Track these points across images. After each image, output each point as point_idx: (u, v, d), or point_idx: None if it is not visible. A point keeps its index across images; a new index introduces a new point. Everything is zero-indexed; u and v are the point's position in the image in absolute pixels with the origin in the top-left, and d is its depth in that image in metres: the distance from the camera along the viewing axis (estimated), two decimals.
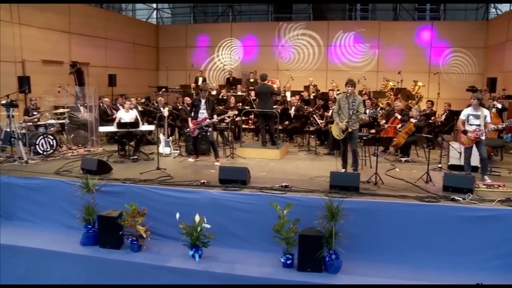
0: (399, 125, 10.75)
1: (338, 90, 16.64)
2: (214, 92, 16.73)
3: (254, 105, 14.33)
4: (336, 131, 8.52)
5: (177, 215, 6.61)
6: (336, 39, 20.59)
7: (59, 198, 7.97)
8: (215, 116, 9.89)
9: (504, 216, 6.51)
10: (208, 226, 6.58)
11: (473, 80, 19.28)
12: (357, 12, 23.79)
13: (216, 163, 9.68)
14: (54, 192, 8.04)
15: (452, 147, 9.22)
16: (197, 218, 6.59)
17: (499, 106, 11.40)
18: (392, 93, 16.45)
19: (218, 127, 11.33)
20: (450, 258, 6.47)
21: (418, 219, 6.63)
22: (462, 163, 9.20)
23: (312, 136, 12.83)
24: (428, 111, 12.74)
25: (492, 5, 20.56)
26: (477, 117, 8.28)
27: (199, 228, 6.57)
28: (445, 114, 12.50)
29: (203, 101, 9.78)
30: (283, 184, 7.55)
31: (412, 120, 10.42)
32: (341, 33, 20.53)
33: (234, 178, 7.70)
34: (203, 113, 9.74)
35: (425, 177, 8.17)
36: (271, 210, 6.55)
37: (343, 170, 8.67)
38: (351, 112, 8.19)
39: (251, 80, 18.94)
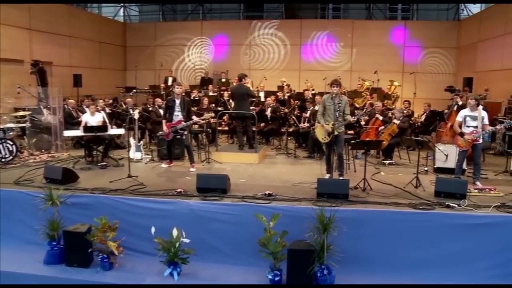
0: (382, 127, 10.40)
1: (313, 90, 16.29)
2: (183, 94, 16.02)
3: (228, 106, 13.85)
4: (321, 134, 8.06)
5: (153, 230, 5.99)
6: (309, 38, 20.25)
7: (19, 211, 7.17)
8: (194, 117, 9.27)
9: (502, 224, 6.17)
10: (187, 241, 5.98)
11: (446, 80, 19.35)
12: (329, 11, 23.50)
13: (192, 169, 9.08)
14: (14, 204, 7.23)
15: (439, 149, 8.89)
16: (174, 232, 5.99)
17: (460, 102, 11.21)
18: (368, 93, 16.19)
19: (192, 130, 10.70)
20: (448, 269, 6.09)
21: (413, 228, 6.22)
22: (449, 166, 8.95)
23: (289, 138, 12.40)
24: (405, 112, 12.47)
25: (463, 6, 20.67)
26: (474, 118, 7.95)
27: (177, 244, 5.96)
28: (425, 114, 12.25)
29: (177, 101, 9.15)
30: (267, 192, 7.02)
31: (395, 121, 10.09)
32: (314, 32, 20.22)
33: (213, 187, 7.12)
34: (177, 115, 9.11)
35: (414, 181, 7.80)
36: (256, 222, 6.01)
37: (328, 176, 8.22)
38: (337, 114, 7.73)
39: (223, 80, 18.44)
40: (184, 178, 8.38)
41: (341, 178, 7.97)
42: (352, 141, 7.88)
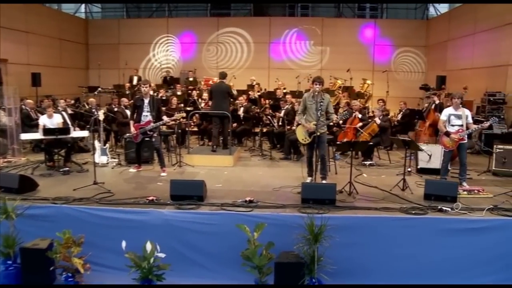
0: (360, 125, 10.04)
1: (284, 89, 15.90)
2: (151, 92, 15.32)
3: (198, 105, 13.25)
4: (301, 135, 7.58)
5: (123, 244, 5.34)
6: (278, 36, 19.82)
7: None
8: (165, 117, 8.64)
9: (498, 228, 5.87)
10: (162, 255, 5.37)
11: (416, 79, 19.39)
12: (298, 8, 23.10)
13: (162, 174, 8.46)
14: None
15: (423, 149, 8.58)
16: (148, 246, 5.37)
17: (437, 101, 11.06)
18: (340, 92, 15.90)
19: (161, 131, 10.06)
20: (444, 277, 5.74)
21: (407, 234, 5.83)
22: (432, 166, 8.67)
23: (262, 139, 11.91)
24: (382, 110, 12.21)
25: (430, 5, 20.73)
26: (458, 117, 7.67)
27: (151, 259, 5.36)
28: (402, 113, 12.00)
29: (146, 101, 8.50)
30: (247, 199, 6.49)
31: (376, 120, 9.74)
32: (283, 30, 19.81)
33: (188, 194, 6.52)
34: (146, 115, 8.46)
35: (401, 184, 7.44)
36: (237, 231, 5.49)
37: (309, 179, 7.77)
38: (319, 113, 7.27)
39: (191, 79, 17.82)
40: (156, 184, 7.76)
41: (324, 181, 7.53)
42: (338, 142, 7.42)
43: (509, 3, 13.08)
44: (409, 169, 8.82)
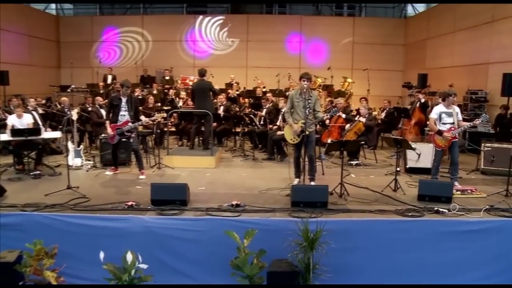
0: (347, 125, 9.77)
1: (264, 87, 15.60)
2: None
3: (176, 104, 12.80)
4: (289, 135, 7.22)
5: (101, 255, 4.86)
6: (256, 34, 19.46)
7: None
8: (143, 117, 8.16)
9: (497, 229, 5.64)
10: (144, 266, 4.92)
11: (395, 77, 19.34)
12: (276, 6, 22.73)
13: (141, 177, 8.00)
14: None
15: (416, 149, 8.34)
16: (129, 256, 4.91)
17: (423, 100, 10.90)
18: (320, 90, 15.66)
19: (140, 132, 9.57)
20: (445, 281, 5.46)
21: (404, 238, 5.54)
22: (421, 166, 8.45)
23: (243, 139, 11.51)
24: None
25: (407, 4, 20.73)
26: (450, 114, 7.44)
27: (132, 271, 4.91)
28: (385, 111, 11.79)
29: (124, 100, 8.01)
30: (234, 203, 6.09)
31: (361, 119, 9.47)
32: (262, 27, 19.47)
33: (170, 198, 6.09)
34: (124, 115, 7.98)
35: (392, 184, 7.17)
36: (224, 238, 5.10)
37: (296, 180, 7.42)
38: (307, 111, 6.93)
39: (167, 78, 17.35)
40: (134, 188, 7.28)
41: (312, 183, 7.20)
42: (329, 142, 7.08)
43: (483, 3, 13.15)
44: (397, 169, 8.57)
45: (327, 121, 10.22)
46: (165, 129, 10.51)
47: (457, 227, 5.60)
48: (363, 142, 8.82)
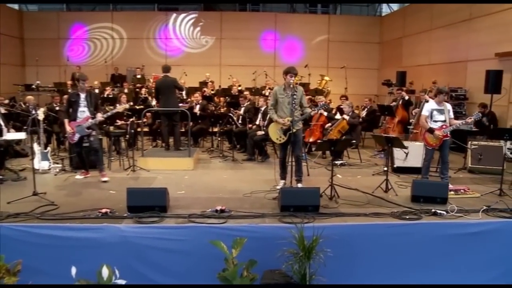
0: (329, 124, 9.42)
1: (239, 86, 15.15)
2: (96, 91, 14.19)
3: (149, 102, 12.23)
4: (275, 134, 6.78)
5: (73, 271, 4.31)
6: (230, 31, 19.00)
7: None
8: (99, 115, 7.48)
9: (498, 230, 5.36)
10: (122, 282, 4.41)
11: (370, 75, 19.30)
12: (249, 4, 22.26)
13: (103, 179, 7.42)
14: None
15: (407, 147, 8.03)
16: (104, 271, 4.38)
17: (406, 97, 10.69)
18: None
19: (112, 132, 8.97)
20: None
21: (403, 242, 5.18)
22: (409, 165, 8.17)
23: (220, 138, 11.01)
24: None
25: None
26: (441, 112, 7.14)
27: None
28: (366, 109, 11.51)
29: (82, 95, 7.38)
30: (218, 208, 5.61)
31: (344, 116, 9.12)
32: (236, 25, 19.03)
33: (149, 204, 5.56)
34: (83, 111, 7.37)
35: (383, 185, 6.83)
36: (210, 248, 4.62)
37: (282, 182, 7.00)
38: (292, 108, 6.51)
39: (138, 76, 16.72)
40: (108, 193, 6.69)
41: (300, 185, 6.79)
42: (319, 141, 6.67)
43: (455, 3, 13.13)
44: (385, 169, 8.26)
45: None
46: (139, 129, 9.95)
47: (458, 230, 5.29)
48: (354, 141, 8.46)
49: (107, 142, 9.59)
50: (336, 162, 8.95)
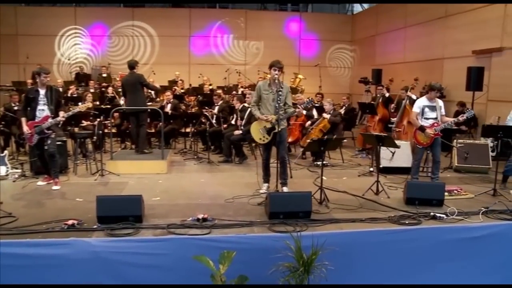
0: (308, 123, 8.99)
1: (210, 85, 14.61)
2: (60, 90, 13.38)
3: (117, 102, 11.48)
4: (258, 134, 6.27)
5: None
6: (199, 29, 18.40)
7: None
8: (61, 113, 6.69)
9: (501, 234, 5.04)
10: None
11: (342, 74, 19.10)
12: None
13: (55, 187, 6.67)
14: None
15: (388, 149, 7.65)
16: None
17: (387, 94, 10.41)
18: None
19: (78, 134, 8.26)
20: None
21: (405, 249, 4.77)
22: (395, 165, 7.83)
23: (193, 139, 10.41)
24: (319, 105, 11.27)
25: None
26: (433, 109, 6.84)
27: None
28: (345, 108, 11.13)
29: (42, 92, 6.62)
30: (200, 217, 5.05)
31: (325, 115, 8.69)
32: (205, 22, 18.44)
33: (122, 214, 4.95)
34: (43, 110, 6.61)
35: (374, 187, 6.42)
36: (193, 263, 4.08)
37: (265, 185, 6.50)
38: (277, 105, 6.02)
39: (104, 75, 15.94)
40: (74, 202, 6.01)
41: (285, 188, 6.30)
42: (308, 141, 6.18)
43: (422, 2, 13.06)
44: (370, 169, 7.91)
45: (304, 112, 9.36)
46: (106, 130, 9.26)
47: (461, 234, 4.92)
48: (345, 140, 8.05)
49: (72, 144, 8.84)
50: (318, 163, 8.52)
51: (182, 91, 14.29)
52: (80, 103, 7.99)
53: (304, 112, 9.38)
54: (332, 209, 5.60)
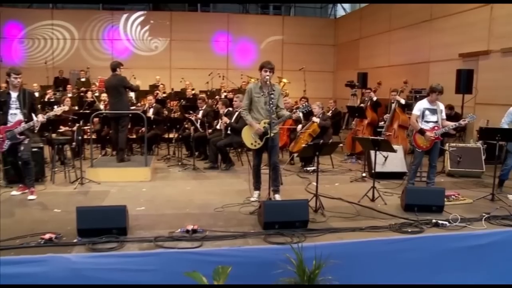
0: (299, 127, 8.71)
1: (193, 89, 14.27)
2: (36, 94, 12.87)
3: (97, 106, 11.04)
4: (250, 138, 5.94)
5: None
6: (181, 33, 18.04)
7: None
8: (40, 116, 6.23)
9: (507, 241, 4.78)
10: None
11: (325, 78, 19.04)
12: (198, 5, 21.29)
13: (30, 197, 6.20)
14: None
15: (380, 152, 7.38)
16: None
17: (375, 98, 10.21)
18: None
19: (55, 140, 7.80)
20: None
21: (411, 259, 4.46)
22: (388, 170, 7.60)
23: (176, 145, 10.01)
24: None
25: (334, 5, 20.47)
26: (434, 112, 6.65)
27: None
28: (331, 112, 10.87)
29: (14, 95, 6.16)
30: (189, 228, 4.67)
31: (314, 119, 8.41)
32: (186, 26, 18.09)
33: (104, 226, 4.55)
34: (15, 114, 6.15)
35: (369, 194, 6.16)
36: (185, 279, 3.71)
37: (256, 193, 6.17)
38: (269, 108, 5.70)
39: (83, 79, 15.45)
40: (52, 213, 5.57)
41: (277, 195, 5.98)
42: (304, 145, 5.85)
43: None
44: (363, 175, 7.66)
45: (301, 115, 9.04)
46: (86, 136, 8.81)
47: (466, 242, 4.65)
48: (341, 144, 7.77)
49: (49, 151, 8.37)
50: (308, 168, 8.26)
51: (164, 95, 13.91)
52: (55, 107, 7.49)
53: (301, 115, 9.09)
54: (329, 217, 5.29)
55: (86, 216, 4.58)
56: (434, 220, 5.01)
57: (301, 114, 8.90)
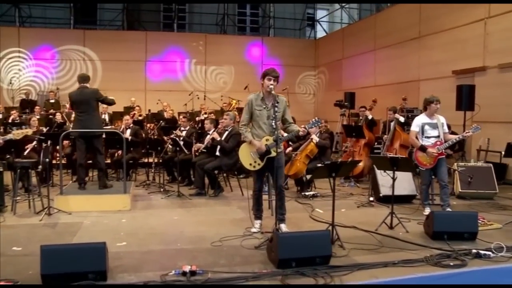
0: (290, 148, 7.98)
1: (172, 110, 13.41)
2: (0, 116, 11.88)
3: (66, 128, 9.98)
4: (249, 158, 5.08)
5: None
6: (156, 53, 17.22)
7: None
8: None
9: None
10: None
11: (307, 100, 18.55)
12: (175, 25, 20.58)
13: None
14: None
15: (386, 172, 6.62)
16: None
17: (370, 116, 9.60)
18: (237, 113, 13.78)
19: (18, 163, 6.75)
20: None
21: None
22: (396, 193, 6.77)
23: (157, 170, 9.08)
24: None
25: (310, 27, 20.18)
26: (434, 126, 6.08)
27: None
28: (323, 132, 10.17)
29: None
30: (186, 270, 3.74)
31: (314, 137, 7.63)
32: (162, 46, 17.30)
33: (77, 270, 3.59)
34: None
35: (387, 221, 5.38)
36: None
37: (258, 222, 5.29)
38: (273, 123, 4.90)
39: (52, 101, 14.42)
40: (10, 252, 4.54)
41: (283, 225, 5.11)
42: (318, 165, 5.02)
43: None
44: (370, 199, 6.89)
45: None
46: (54, 161, 7.78)
47: None
48: (360, 163, 6.99)
49: (11, 176, 7.27)
50: (306, 193, 7.45)
51: (141, 117, 12.99)
52: (24, 127, 6.50)
53: (285, 135, 8.28)
54: (350, 250, 4.46)
55: (54, 257, 3.61)
56: (474, 250, 4.24)
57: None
